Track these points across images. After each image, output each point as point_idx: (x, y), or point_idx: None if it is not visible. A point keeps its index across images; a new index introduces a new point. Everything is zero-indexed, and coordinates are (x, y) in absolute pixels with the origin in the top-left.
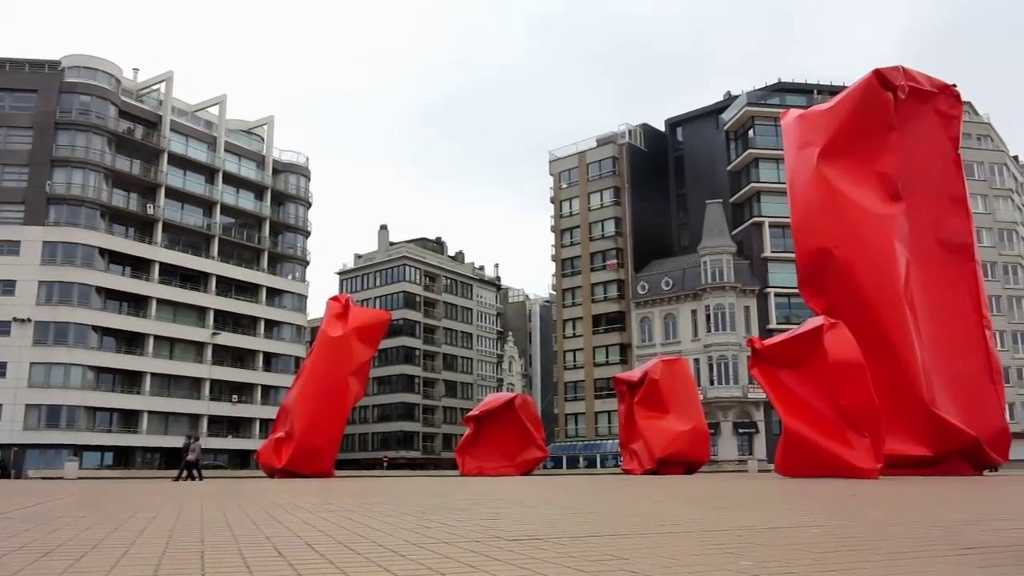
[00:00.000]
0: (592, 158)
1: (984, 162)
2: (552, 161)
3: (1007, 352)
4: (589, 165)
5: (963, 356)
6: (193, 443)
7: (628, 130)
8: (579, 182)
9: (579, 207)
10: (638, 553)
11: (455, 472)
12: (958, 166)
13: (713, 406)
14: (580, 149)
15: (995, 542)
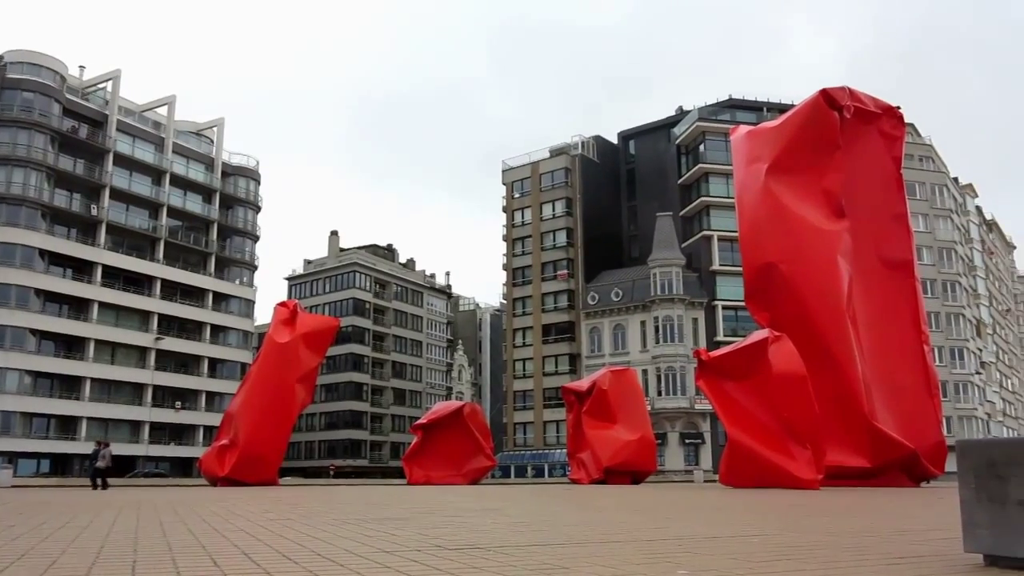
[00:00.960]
0: (545, 168)
1: (926, 182)
2: (505, 171)
3: (944, 367)
4: (542, 175)
5: (902, 370)
6: (103, 449)
7: (581, 142)
8: (532, 192)
9: (531, 217)
10: (579, 562)
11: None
12: (900, 185)
13: (660, 416)
14: (533, 159)
15: (926, 552)
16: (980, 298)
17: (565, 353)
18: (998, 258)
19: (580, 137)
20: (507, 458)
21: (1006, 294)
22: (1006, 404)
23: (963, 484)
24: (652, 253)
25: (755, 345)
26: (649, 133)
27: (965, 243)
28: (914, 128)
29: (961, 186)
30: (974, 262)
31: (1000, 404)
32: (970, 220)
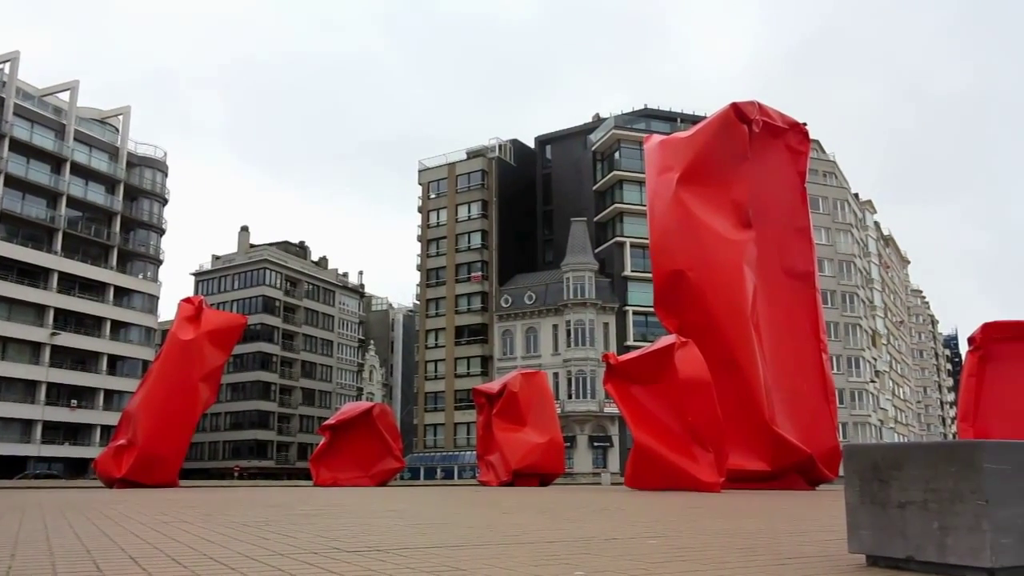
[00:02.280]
0: (461, 170)
1: (828, 197)
2: (421, 171)
3: (842, 375)
4: (458, 177)
5: (801, 377)
6: None
7: (498, 145)
8: (448, 193)
9: (447, 218)
10: (477, 564)
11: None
12: (804, 199)
13: (570, 419)
14: (450, 160)
15: (813, 553)
16: (876, 310)
17: (477, 355)
18: (893, 272)
19: (497, 140)
20: (417, 460)
21: (900, 306)
22: (897, 411)
23: (848, 487)
24: (566, 258)
25: (662, 350)
26: (566, 139)
27: (864, 257)
28: (819, 144)
29: (861, 202)
30: (871, 275)
31: (892, 411)
32: (869, 235)
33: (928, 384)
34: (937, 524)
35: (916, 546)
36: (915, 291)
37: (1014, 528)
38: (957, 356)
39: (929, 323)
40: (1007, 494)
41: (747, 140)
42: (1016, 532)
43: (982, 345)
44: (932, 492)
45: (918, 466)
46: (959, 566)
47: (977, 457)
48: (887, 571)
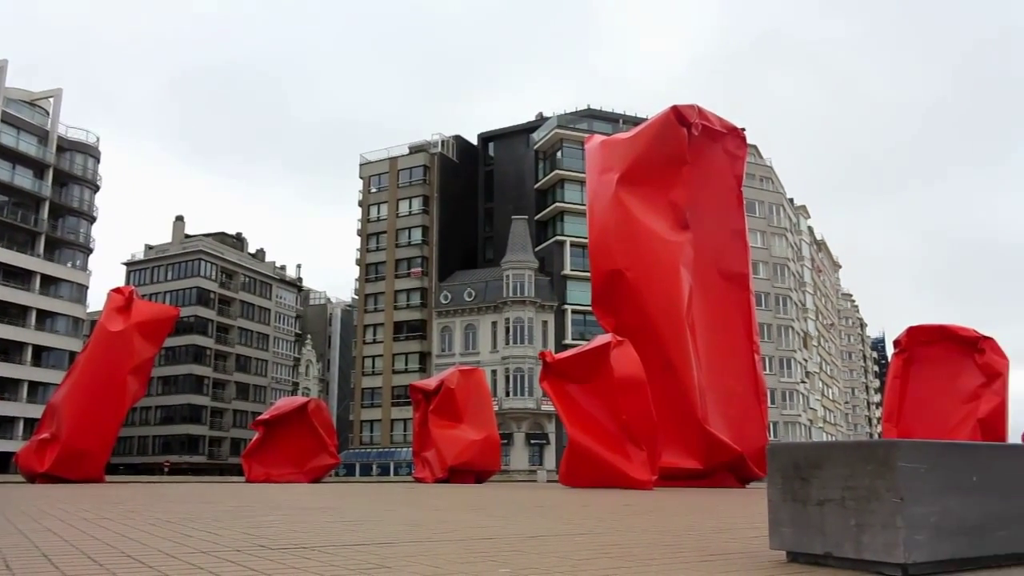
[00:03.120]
0: (403, 165)
1: (764, 201)
2: (363, 164)
3: (773, 376)
4: (400, 172)
5: (734, 377)
6: None
7: (441, 140)
8: (389, 188)
9: (387, 212)
10: (403, 561)
11: (242, 479)
12: (740, 202)
13: (507, 417)
14: (392, 155)
15: (737, 549)
16: (808, 312)
17: (416, 351)
18: (825, 276)
19: (440, 136)
20: (352, 456)
21: (831, 309)
22: (826, 411)
23: (771, 485)
24: (506, 255)
25: (598, 349)
26: (509, 136)
27: (797, 260)
28: (756, 149)
29: (796, 207)
30: (804, 279)
31: (821, 411)
32: (802, 239)
33: (856, 385)
34: (854, 521)
35: (834, 543)
36: (845, 295)
37: (927, 525)
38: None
39: (858, 326)
40: (921, 492)
41: (686, 143)
42: (929, 529)
43: (907, 348)
44: (850, 490)
45: (837, 465)
46: (874, 562)
47: (893, 456)
48: (806, 567)
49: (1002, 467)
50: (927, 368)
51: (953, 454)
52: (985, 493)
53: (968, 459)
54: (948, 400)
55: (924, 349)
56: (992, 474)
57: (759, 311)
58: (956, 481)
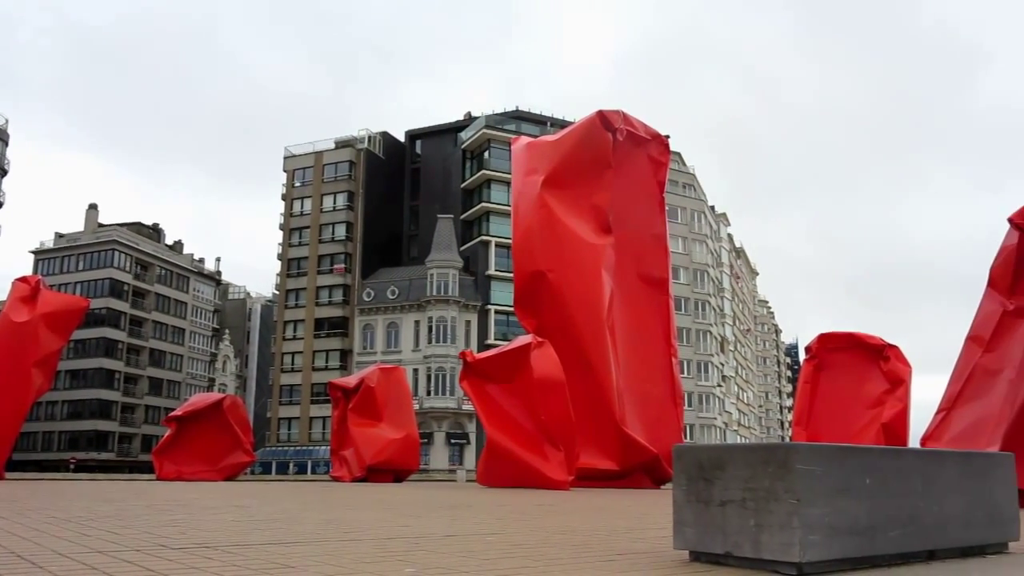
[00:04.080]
0: (329, 159)
1: (686, 208)
2: (287, 157)
3: (691, 379)
4: (325, 166)
5: (652, 380)
6: None
7: (368, 136)
8: (313, 182)
9: (311, 207)
10: (308, 561)
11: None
12: (662, 208)
13: (428, 416)
14: (317, 149)
15: (643, 549)
16: (726, 318)
17: (337, 348)
18: (743, 282)
19: (367, 131)
20: (269, 454)
21: (748, 315)
22: (741, 415)
23: (676, 486)
24: (431, 254)
25: (518, 349)
26: (436, 135)
27: (717, 267)
28: (680, 157)
29: (716, 214)
30: (723, 284)
31: (736, 415)
32: (722, 246)
33: (770, 389)
34: (753, 521)
35: (734, 542)
36: (762, 301)
37: (822, 525)
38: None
39: (773, 332)
40: (817, 494)
41: (611, 148)
42: (823, 529)
43: (817, 354)
44: (750, 491)
45: (739, 466)
46: (771, 561)
47: (791, 459)
48: (707, 567)
49: (893, 470)
50: (836, 374)
51: (847, 457)
52: (877, 495)
53: (861, 462)
54: (855, 405)
55: (833, 356)
56: (883, 476)
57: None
58: (850, 483)
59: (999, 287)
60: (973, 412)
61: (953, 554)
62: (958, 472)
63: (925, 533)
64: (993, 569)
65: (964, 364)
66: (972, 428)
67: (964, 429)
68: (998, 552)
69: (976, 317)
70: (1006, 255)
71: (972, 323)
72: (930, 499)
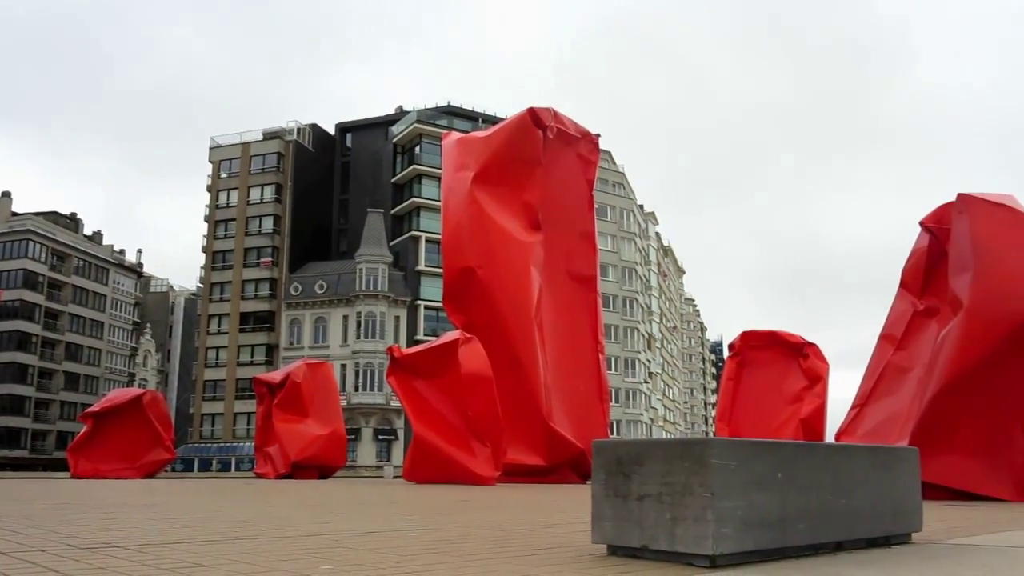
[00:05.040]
0: (256, 151)
1: (616, 206)
2: (213, 148)
3: (619, 375)
4: (252, 158)
5: (579, 377)
6: None
7: (297, 128)
8: (240, 174)
9: (238, 199)
10: (221, 559)
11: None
12: (591, 206)
13: (356, 412)
14: (244, 140)
15: (562, 543)
16: (653, 315)
17: (263, 343)
18: (670, 280)
19: (296, 123)
20: (191, 451)
21: (674, 313)
22: (667, 411)
23: (595, 481)
24: (360, 248)
25: (446, 345)
26: (367, 128)
27: (645, 265)
28: (610, 155)
29: (645, 213)
30: (650, 282)
31: (662, 410)
32: (651, 244)
33: (695, 386)
34: (669, 515)
35: (650, 536)
36: (688, 299)
37: (734, 518)
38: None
39: (699, 330)
40: (731, 487)
41: (541, 145)
42: (736, 522)
43: (740, 352)
44: (667, 485)
45: (656, 461)
46: (685, 554)
47: (706, 453)
48: (623, 560)
49: (804, 464)
50: (757, 371)
51: (761, 452)
52: (788, 488)
53: (774, 456)
54: (775, 401)
55: (755, 353)
56: (795, 471)
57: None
58: (762, 477)
59: (911, 288)
60: (885, 408)
61: (860, 545)
62: (866, 466)
63: (834, 525)
64: (895, 559)
65: (877, 362)
66: (884, 424)
67: (876, 425)
68: (902, 543)
69: (889, 317)
70: (917, 257)
71: (885, 322)
72: (839, 492)
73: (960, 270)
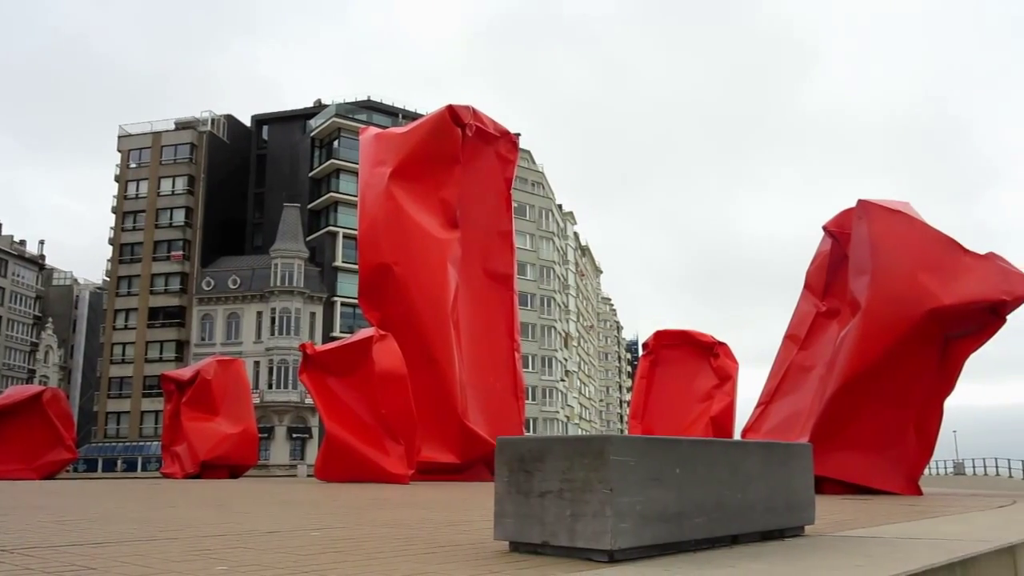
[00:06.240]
0: (168, 140)
1: (535, 206)
2: (122, 137)
3: (535, 373)
4: (164, 148)
5: (494, 375)
6: None
7: (211, 118)
8: (151, 164)
9: (148, 190)
10: (112, 562)
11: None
12: (509, 205)
13: (269, 410)
14: (156, 129)
15: (466, 540)
16: (570, 314)
17: (172, 339)
18: (588, 280)
19: (211, 113)
20: (95, 450)
21: (591, 312)
22: (582, 408)
23: (498, 478)
24: (276, 243)
25: (360, 342)
26: (285, 121)
27: (563, 264)
28: (529, 155)
29: (564, 213)
30: (568, 282)
31: (578, 408)
32: (568, 244)
33: (610, 384)
34: (570, 511)
35: (551, 532)
36: (605, 299)
37: (632, 513)
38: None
39: (615, 328)
40: (629, 483)
41: (460, 143)
42: (634, 517)
43: (653, 351)
44: (568, 482)
45: (558, 458)
46: (585, 549)
47: (606, 450)
48: (524, 556)
49: (702, 460)
50: (670, 369)
51: (659, 448)
52: (686, 484)
53: (672, 453)
54: (686, 399)
55: (668, 352)
56: (693, 466)
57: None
58: (660, 473)
59: (814, 290)
60: (788, 406)
61: (755, 538)
62: (761, 462)
63: (730, 519)
64: (787, 551)
65: (781, 361)
66: (787, 421)
67: (780, 422)
68: (795, 535)
69: (793, 317)
70: (820, 260)
71: (789, 323)
72: (735, 487)
73: (859, 273)
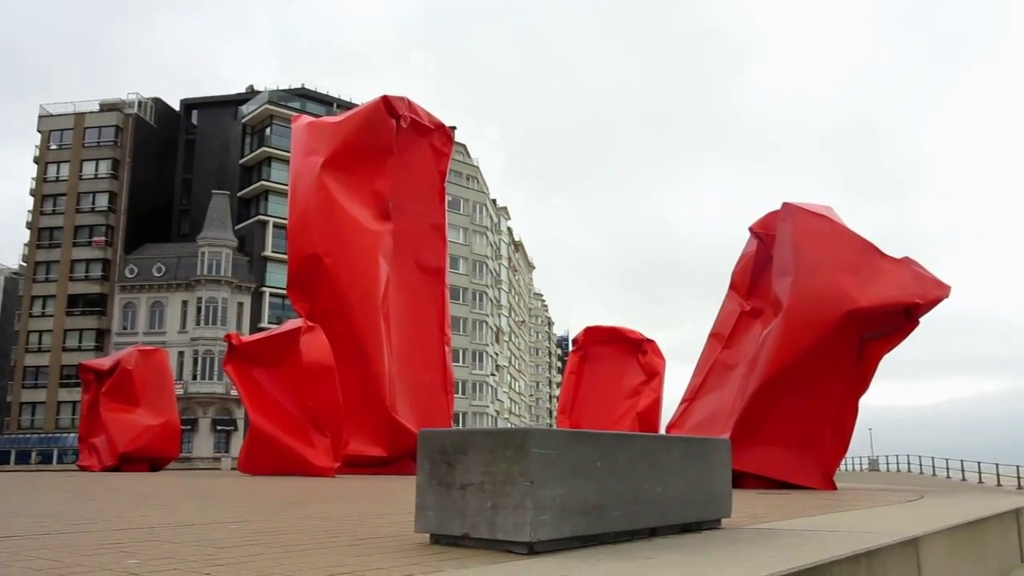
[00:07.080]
0: (92, 122)
1: (469, 200)
2: (43, 116)
3: (466, 368)
4: (87, 129)
5: (424, 368)
6: None
7: (138, 101)
8: (73, 146)
9: (69, 173)
10: (19, 556)
11: None
12: (442, 198)
13: (193, 401)
14: (79, 110)
15: (388, 533)
16: (502, 309)
17: (92, 328)
18: (520, 275)
19: (138, 96)
20: (8, 442)
21: (523, 307)
22: (512, 403)
23: (420, 470)
24: (203, 231)
25: (287, 334)
26: (215, 106)
27: (496, 259)
28: (465, 149)
29: (498, 208)
30: (501, 276)
31: (508, 403)
32: (502, 239)
33: (541, 379)
34: (491, 504)
35: (472, 524)
36: (537, 294)
37: (552, 506)
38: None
39: (546, 324)
40: (550, 476)
41: (394, 134)
42: (553, 509)
43: (583, 347)
44: (489, 475)
45: (480, 451)
46: (505, 541)
47: (527, 443)
48: (445, 548)
49: (622, 454)
50: (599, 365)
51: (580, 442)
52: (606, 477)
53: (594, 446)
54: (614, 395)
55: (597, 348)
56: (613, 460)
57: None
58: (582, 466)
59: (739, 289)
60: (712, 403)
61: (673, 530)
62: (680, 456)
63: (649, 512)
64: (704, 543)
65: (706, 359)
66: (710, 417)
67: (704, 418)
68: (712, 528)
69: (718, 316)
70: (746, 261)
71: (715, 321)
72: (654, 481)
73: (782, 274)
